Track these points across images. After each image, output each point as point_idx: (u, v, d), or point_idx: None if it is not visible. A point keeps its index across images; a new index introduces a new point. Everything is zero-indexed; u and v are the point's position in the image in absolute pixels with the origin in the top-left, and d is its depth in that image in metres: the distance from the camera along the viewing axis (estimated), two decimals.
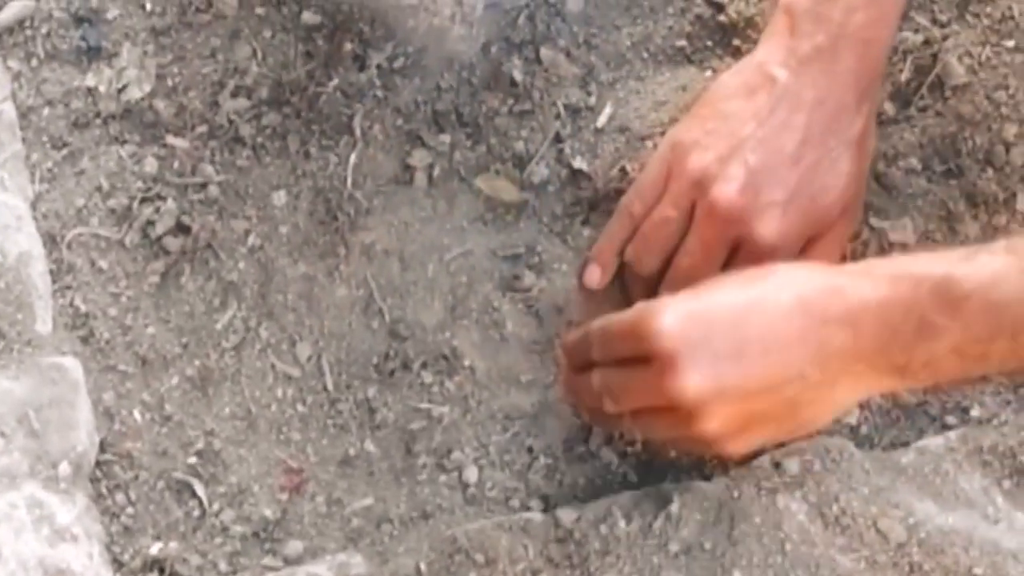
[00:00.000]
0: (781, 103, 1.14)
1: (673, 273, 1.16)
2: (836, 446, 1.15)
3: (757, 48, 1.19)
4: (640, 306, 1.06)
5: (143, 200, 1.20)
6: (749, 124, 1.14)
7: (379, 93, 1.25)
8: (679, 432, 1.05)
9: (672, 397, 1.02)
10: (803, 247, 1.15)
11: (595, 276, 1.19)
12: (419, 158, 1.23)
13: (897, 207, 1.24)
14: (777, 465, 1.14)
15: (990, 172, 1.24)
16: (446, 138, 1.24)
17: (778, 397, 1.03)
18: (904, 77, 1.28)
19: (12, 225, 1.16)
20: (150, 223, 1.19)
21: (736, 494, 1.13)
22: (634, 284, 1.19)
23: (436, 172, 1.24)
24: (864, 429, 1.19)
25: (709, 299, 1.04)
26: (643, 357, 1.03)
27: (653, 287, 1.17)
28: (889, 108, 1.27)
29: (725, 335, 1.02)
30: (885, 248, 1.22)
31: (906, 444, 1.18)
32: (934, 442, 1.17)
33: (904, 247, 1.22)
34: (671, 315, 1.03)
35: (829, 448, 1.15)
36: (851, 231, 1.20)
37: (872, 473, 1.14)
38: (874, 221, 1.23)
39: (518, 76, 1.25)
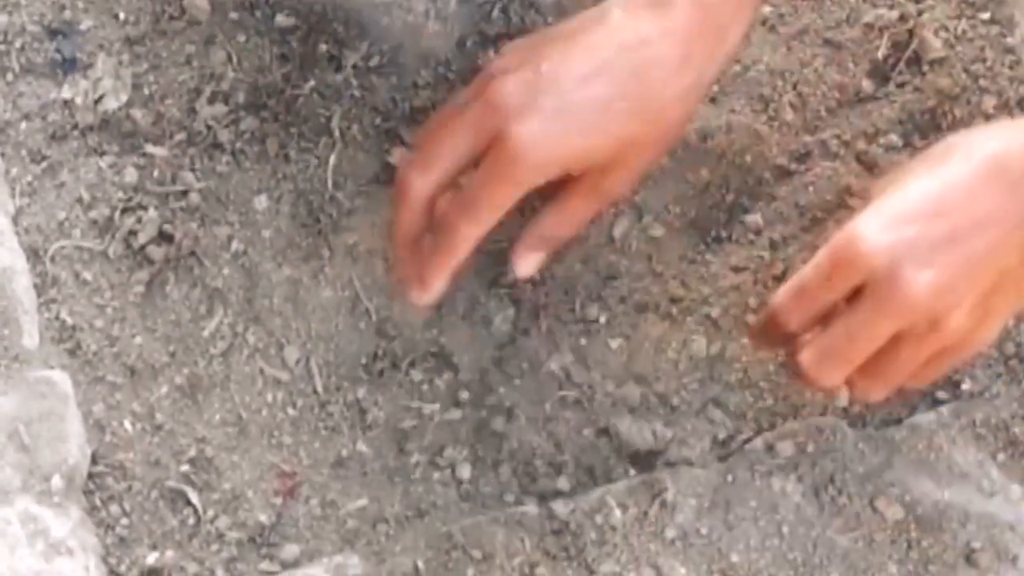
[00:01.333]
0: (599, 32, 1.07)
1: (422, 153, 1.07)
2: (829, 426, 1.15)
3: None
4: (831, 243, 1.03)
5: (124, 210, 1.20)
6: (561, 40, 1.07)
7: (356, 93, 1.25)
8: (929, 348, 1.02)
9: (908, 309, 0.99)
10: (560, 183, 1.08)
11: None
12: (399, 156, 1.23)
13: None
14: (770, 448, 1.14)
15: None
16: None
17: (1006, 265, 1.01)
18: (881, 53, 1.28)
19: None
20: (132, 233, 1.19)
21: (731, 478, 1.13)
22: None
23: None
24: (856, 408, 1.18)
25: (902, 197, 1.02)
26: (855, 298, 1.01)
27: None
28: (867, 85, 1.27)
29: (933, 225, 1.00)
30: None
31: (899, 421, 1.18)
32: (926, 418, 1.17)
33: None
34: (872, 230, 1.00)
35: (822, 428, 1.15)
36: (609, 196, 1.11)
37: (866, 452, 1.15)
38: (853, 201, 1.22)
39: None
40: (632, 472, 1.15)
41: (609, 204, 1.16)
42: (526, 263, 1.12)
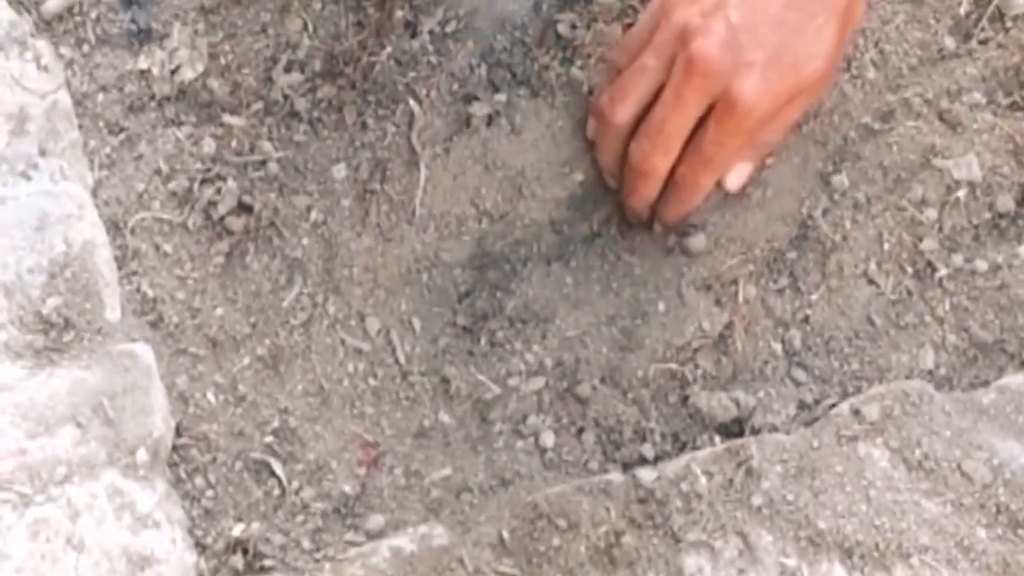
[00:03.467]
0: None
1: (646, 124, 1.15)
2: (915, 389, 1.14)
3: None
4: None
5: (203, 181, 1.20)
6: None
7: (432, 59, 1.24)
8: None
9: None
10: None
11: (590, 128, 1.21)
12: (477, 108, 1.22)
13: (962, 143, 1.22)
14: (856, 412, 1.13)
15: None
16: (502, 97, 1.23)
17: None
18: (963, 10, 1.26)
19: (75, 214, 1.15)
20: (212, 204, 1.19)
21: (816, 444, 1.12)
22: (605, 133, 1.19)
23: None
24: (943, 371, 1.17)
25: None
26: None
27: (624, 138, 1.17)
28: (950, 42, 1.25)
29: None
30: (951, 187, 1.20)
31: (986, 383, 1.16)
32: (1015, 380, 1.15)
33: (972, 187, 1.20)
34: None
35: (908, 392, 1.14)
36: (814, 102, 1.19)
37: (953, 415, 1.13)
38: (937, 161, 1.21)
39: (570, 32, 1.24)
40: (717, 439, 1.14)
41: (820, 100, 1.20)
42: (740, 172, 1.17)
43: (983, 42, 1.25)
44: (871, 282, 1.19)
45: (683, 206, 1.17)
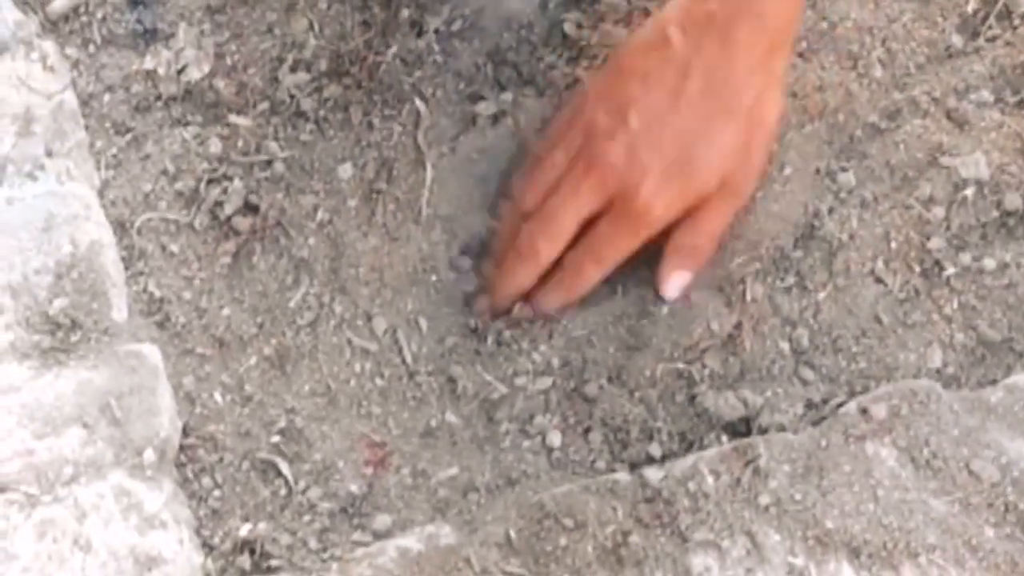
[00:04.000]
0: (670, 66, 1.15)
1: (541, 209, 1.18)
2: (923, 388, 1.14)
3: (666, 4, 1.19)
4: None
5: (210, 181, 1.20)
6: (639, 84, 1.16)
7: (439, 58, 1.25)
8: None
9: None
10: (682, 217, 1.17)
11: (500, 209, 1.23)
12: (483, 107, 1.23)
13: (970, 141, 1.22)
14: (864, 411, 1.13)
15: None
16: (508, 96, 1.23)
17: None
18: (971, 8, 1.26)
19: (81, 214, 1.15)
20: (218, 204, 1.19)
21: (824, 443, 1.11)
22: (508, 216, 1.21)
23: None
24: (950, 369, 1.17)
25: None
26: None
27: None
28: (957, 40, 1.25)
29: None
30: (958, 185, 1.20)
31: (994, 382, 1.16)
32: (1022, 378, 1.15)
33: (979, 186, 1.20)
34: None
35: (916, 391, 1.13)
36: (735, 206, 1.19)
37: (961, 414, 1.13)
38: (944, 159, 1.20)
39: (576, 31, 1.24)
40: (724, 438, 1.14)
41: (742, 207, 1.20)
42: (673, 285, 1.18)
43: (991, 40, 1.25)
44: (878, 281, 1.19)
45: (565, 293, 1.18)
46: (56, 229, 1.14)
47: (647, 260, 1.19)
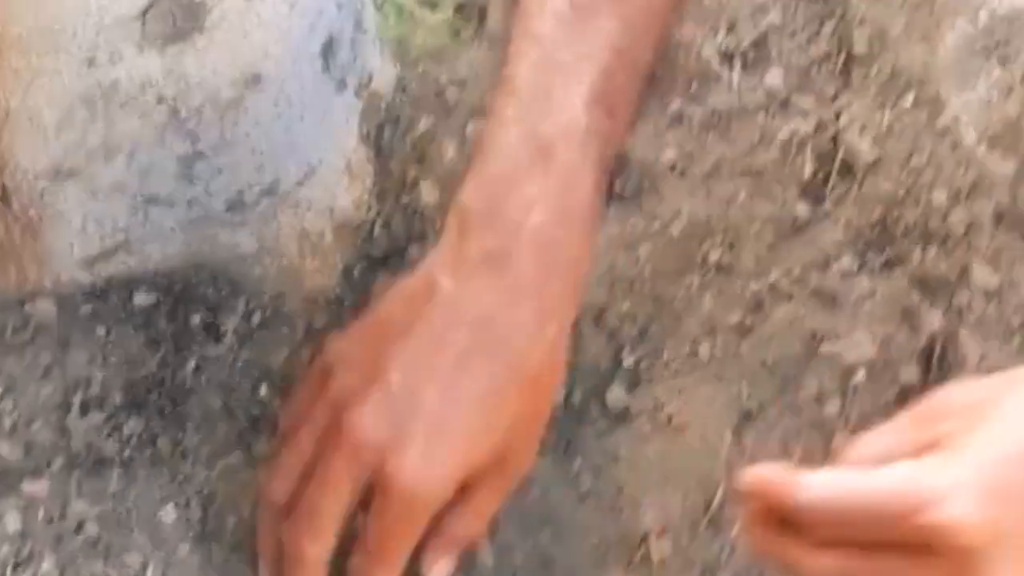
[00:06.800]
0: (439, 317, 0.96)
1: (298, 505, 0.99)
2: None
3: (431, 250, 1.02)
4: (907, 479, 0.81)
5: (16, 566, 1.04)
6: (399, 337, 0.97)
7: (244, 356, 1.11)
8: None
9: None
10: (456, 493, 0.98)
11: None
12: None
13: (846, 320, 1.11)
14: None
15: (934, 250, 1.13)
16: None
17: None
18: (807, 171, 1.16)
19: None
20: None
21: None
22: (262, 513, 1.03)
23: None
24: None
25: (994, 452, 0.81)
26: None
27: (282, 519, 1.01)
28: (803, 210, 1.16)
29: None
30: (846, 373, 1.09)
31: None
32: None
33: (869, 367, 1.09)
34: (968, 501, 0.79)
35: None
36: (511, 486, 1.02)
37: None
38: (824, 347, 1.10)
39: None
40: None
41: (518, 482, 1.02)
42: (440, 569, 1.00)
43: (838, 201, 1.15)
44: None
45: None
46: None
47: None
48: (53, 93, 1.00)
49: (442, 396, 0.95)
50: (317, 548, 0.98)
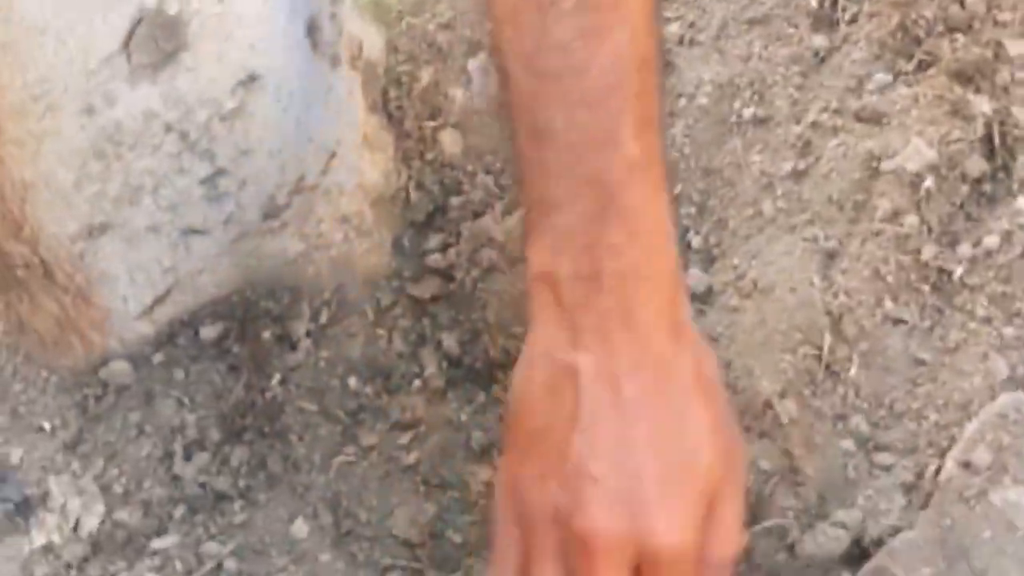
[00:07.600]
0: (590, 389, 0.92)
1: None
2: (1009, 404, 1.00)
3: (531, 331, 0.95)
4: None
5: None
6: (569, 430, 0.92)
7: (324, 355, 1.09)
8: None
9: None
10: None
11: None
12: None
13: (897, 133, 1.10)
14: (966, 464, 0.99)
15: (961, 37, 1.11)
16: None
17: None
18: (813, 2, 1.14)
19: None
20: None
21: (948, 521, 0.97)
22: None
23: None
24: (1021, 370, 1.03)
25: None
26: None
27: None
28: (820, 41, 1.16)
29: None
30: (914, 182, 1.07)
31: None
32: None
33: (935, 171, 1.07)
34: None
35: (1003, 412, 1.00)
36: (742, 474, 0.97)
37: None
38: (885, 165, 1.08)
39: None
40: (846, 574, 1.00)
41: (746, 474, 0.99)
42: None
43: (852, 22, 1.13)
44: (897, 322, 1.05)
45: None
46: None
47: None
48: (62, 153, 0.99)
49: (641, 454, 0.91)
50: None
